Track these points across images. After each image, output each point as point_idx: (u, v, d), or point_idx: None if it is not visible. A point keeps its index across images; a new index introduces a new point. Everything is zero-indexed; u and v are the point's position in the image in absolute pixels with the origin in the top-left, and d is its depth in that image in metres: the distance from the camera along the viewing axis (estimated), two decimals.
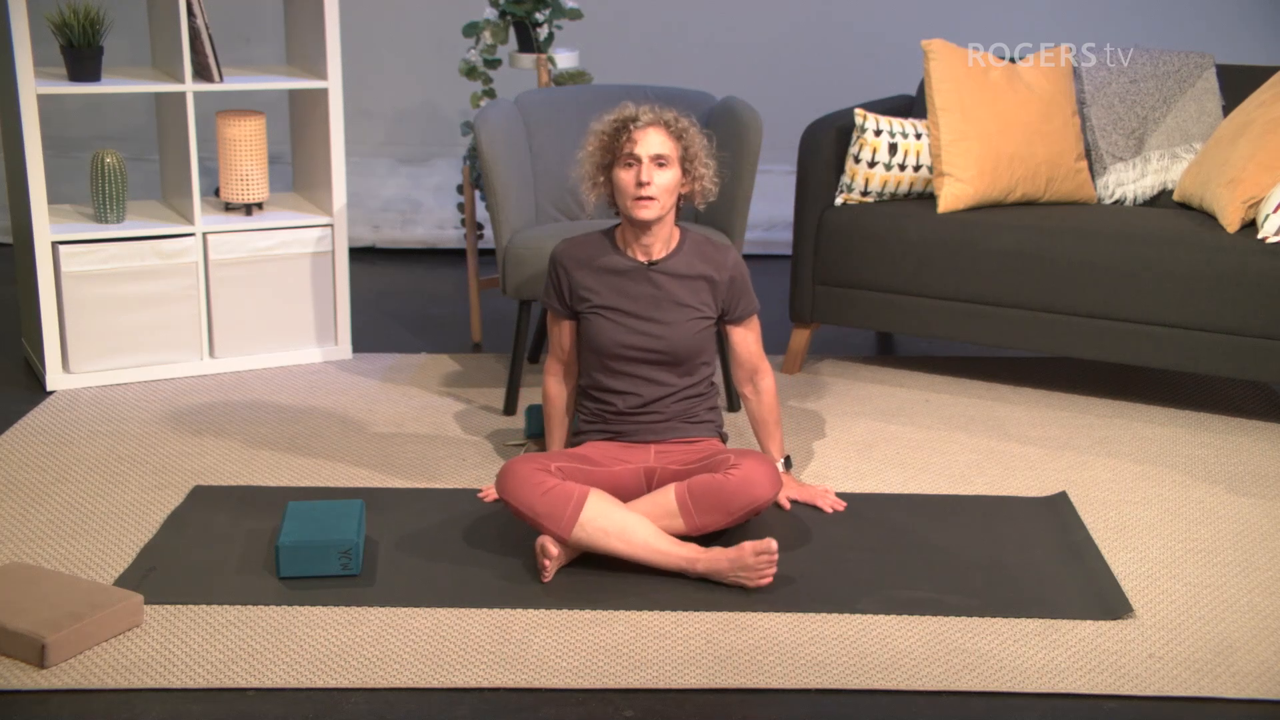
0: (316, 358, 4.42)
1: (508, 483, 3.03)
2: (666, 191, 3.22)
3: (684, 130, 3.25)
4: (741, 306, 3.38)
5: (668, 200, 3.23)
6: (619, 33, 5.69)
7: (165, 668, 2.65)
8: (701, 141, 3.29)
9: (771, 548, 2.93)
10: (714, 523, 3.05)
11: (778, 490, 3.09)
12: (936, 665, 2.72)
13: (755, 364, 3.43)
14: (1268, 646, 2.82)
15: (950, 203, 4.17)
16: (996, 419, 4.03)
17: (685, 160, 3.25)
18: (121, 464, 3.60)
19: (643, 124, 3.22)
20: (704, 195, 3.31)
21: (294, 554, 2.98)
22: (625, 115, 3.25)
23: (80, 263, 4.07)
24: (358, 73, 5.13)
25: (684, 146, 3.25)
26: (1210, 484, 3.62)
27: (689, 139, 3.25)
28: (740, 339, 3.42)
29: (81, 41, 4.05)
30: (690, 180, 3.27)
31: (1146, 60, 4.45)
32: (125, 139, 5.70)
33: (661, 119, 3.24)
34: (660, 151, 3.20)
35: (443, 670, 2.67)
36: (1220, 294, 3.85)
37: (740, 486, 3.03)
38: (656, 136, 3.21)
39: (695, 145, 3.27)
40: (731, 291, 3.35)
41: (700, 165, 3.27)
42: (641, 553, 3.00)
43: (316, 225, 4.35)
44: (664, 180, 3.21)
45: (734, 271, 3.34)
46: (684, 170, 3.26)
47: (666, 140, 3.22)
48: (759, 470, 3.05)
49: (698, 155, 3.27)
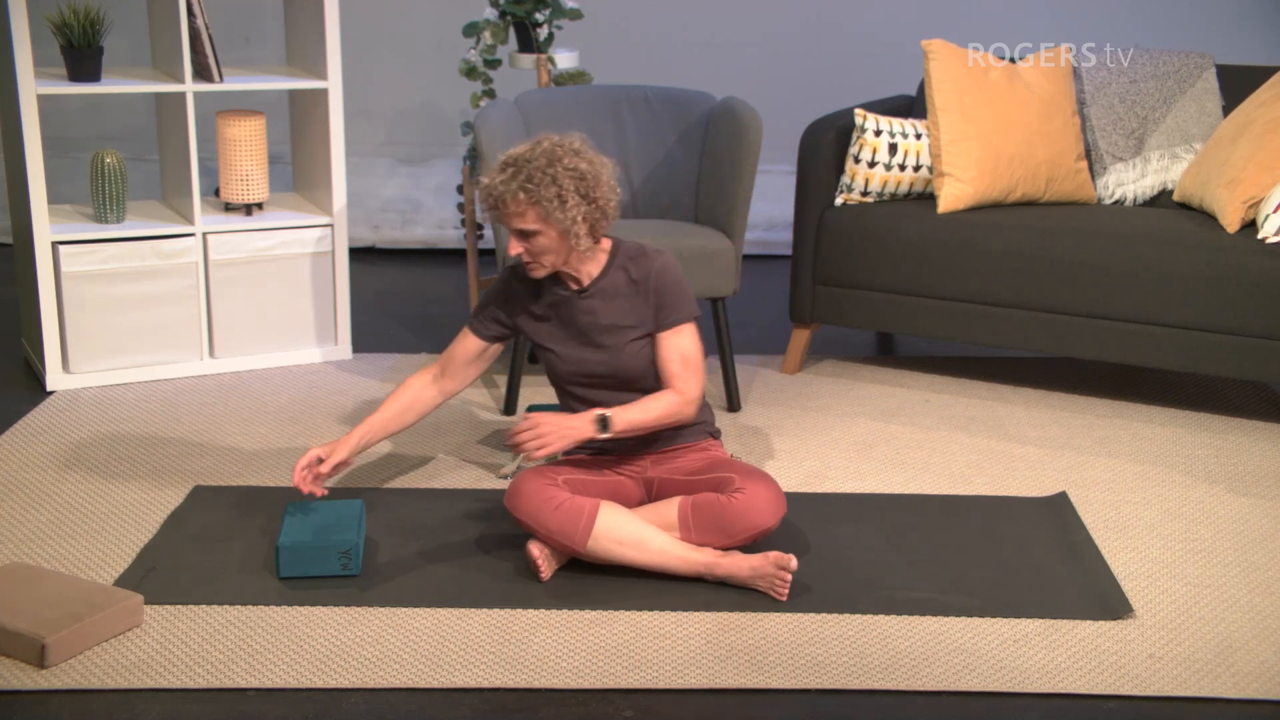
0: (316, 358, 4.42)
1: (518, 500, 3.01)
2: (546, 251, 3.02)
3: (534, 190, 2.95)
4: (664, 314, 3.11)
5: (556, 257, 3.04)
6: (619, 33, 5.69)
7: (165, 668, 2.65)
8: (571, 181, 2.97)
9: (791, 565, 2.92)
10: (713, 542, 3.03)
11: (780, 516, 3.04)
12: (936, 665, 2.72)
13: (670, 379, 3.11)
14: (1268, 646, 2.82)
15: (950, 203, 4.17)
16: (996, 419, 4.03)
17: (551, 215, 2.96)
18: (121, 464, 3.60)
19: (489, 203, 3.02)
20: (607, 221, 3.05)
21: (294, 554, 2.98)
22: (483, 187, 3.03)
23: (80, 263, 4.07)
24: (358, 73, 5.13)
25: (541, 204, 2.96)
26: (1210, 484, 3.62)
27: (542, 195, 2.95)
28: (664, 349, 3.12)
29: (81, 41, 4.05)
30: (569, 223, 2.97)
31: (1146, 60, 4.45)
32: (125, 139, 5.70)
33: (504, 194, 2.97)
34: (519, 227, 2.99)
35: (443, 670, 2.67)
36: (1220, 294, 3.85)
37: (742, 512, 3.00)
38: (511, 209, 2.99)
39: (554, 196, 2.96)
40: (655, 299, 3.10)
41: (576, 207, 2.97)
42: (658, 560, 2.99)
43: (316, 225, 4.35)
44: (537, 246, 3.01)
45: (658, 279, 3.09)
46: (556, 223, 2.98)
47: (521, 209, 2.97)
48: (762, 496, 3.02)
49: (567, 200, 2.96)
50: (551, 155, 2.98)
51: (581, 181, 2.99)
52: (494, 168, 3.03)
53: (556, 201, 2.96)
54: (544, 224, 2.99)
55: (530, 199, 2.97)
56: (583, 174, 2.99)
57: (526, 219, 2.99)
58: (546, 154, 2.99)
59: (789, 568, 2.92)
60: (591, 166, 3.01)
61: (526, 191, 2.96)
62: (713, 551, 3.00)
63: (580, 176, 2.99)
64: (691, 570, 3.00)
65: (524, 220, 2.99)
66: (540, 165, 2.97)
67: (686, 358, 3.11)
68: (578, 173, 2.99)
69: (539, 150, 3.00)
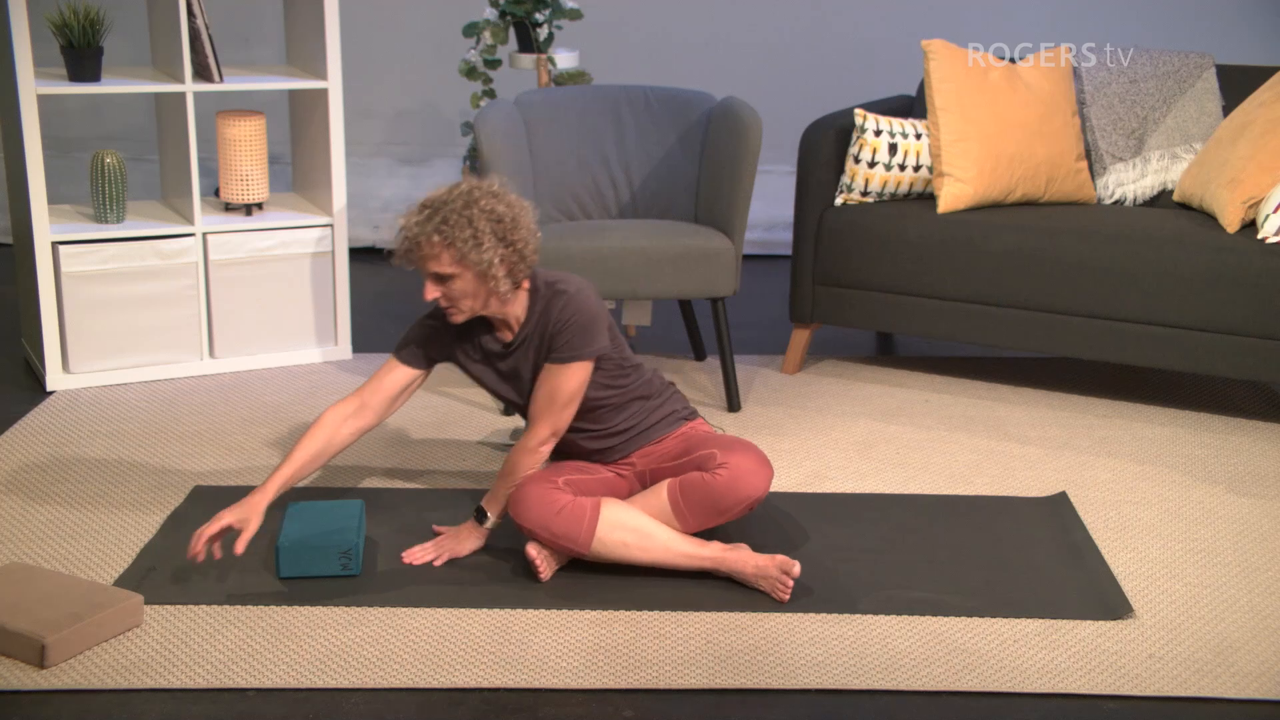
0: (316, 358, 4.42)
1: (521, 507, 3.00)
2: (464, 296, 2.97)
3: (449, 232, 2.90)
4: (555, 349, 3.03)
5: (474, 301, 2.99)
6: (619, 33, 5.69)
7: (165, 668, 2.65)
8: (487, 223, 2.91)
9: (794, 571, 2.92)
10: (709, 522, 3.05)
11: (767, 485, 3.04)
12: (936, 665, 2.72)
13: (531, 412, 3.07)
14: (1268, 646, 2.82)
15: (950, 203, 4.17)
16: (996, 419, 4.03)
17: (467, 258, 2.91)
18: (121, 464, 3.59)
19: (404, 246, 2.97)
20: (526, 265, 2.98)
21: (294, 554, 2.98)
22: (399, 230, 2.98)
23: (80, 263, 4.07)
24: (358, 73, 5.13)
25: (456, 246, 2.91)
26: (1210, 484, 3.62)
27: (457, 237, 2.90)
28: (539, 381, 3.05)
29: (81, 42, 4.05)
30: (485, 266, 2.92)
31: (1146, 60, 4.45)
32: (125, 139, 5.69)
33: (419, 236, 2.92)
34: (435, 270, 2.95)
35: (443, 670, 2.67)
36: (1220, 294, 3.85)
37: (729, 487, 3.01)
38: (426, 251, 2.94)
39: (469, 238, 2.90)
40: (552, 332, 3.03)
41: (493, 250, 2.91)
42: (663, 557, 2.99)
43: (316, 225, 4.35)
44: (454, 290, 2.96)
45: (560, 317, 3.01)
46: (472, 265, 2.92)
47: (436, 251, 2.93)
48: (745, 466, 3.02)
49: (483, 242, 2.90)
50: (468, 198, 2.93)
51: (499, 224, 2.93)
52: (411, 210, 2.98)
53: (472, 243, 2.90)
54: (460, 267, 2.93)
55: (445, 241, 2.91)
56: (500, 216, 2.93)
57: (442, 262, 2.93)
58: (463, 196, 2.94)
59: (792, 573, 2.92)
60: (510, 209, 2.95)
61: (441, 234, 2.91)
62: (719, 546, 3.00)
63: (497, 219, 2.93)
64: (696, 566, 3.00)
65: (439, 264, 2.94)
66: (456, 208, 2.92)
67: (553, 395, 3.03)
68: (494, 215, 2.93)
69: (456, 193, 2.95)
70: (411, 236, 2.95)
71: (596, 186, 4.31)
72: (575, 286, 3.05)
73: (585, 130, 4.33)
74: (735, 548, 3.01)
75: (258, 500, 2.96)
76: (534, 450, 3.07)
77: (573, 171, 4.30)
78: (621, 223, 4.13)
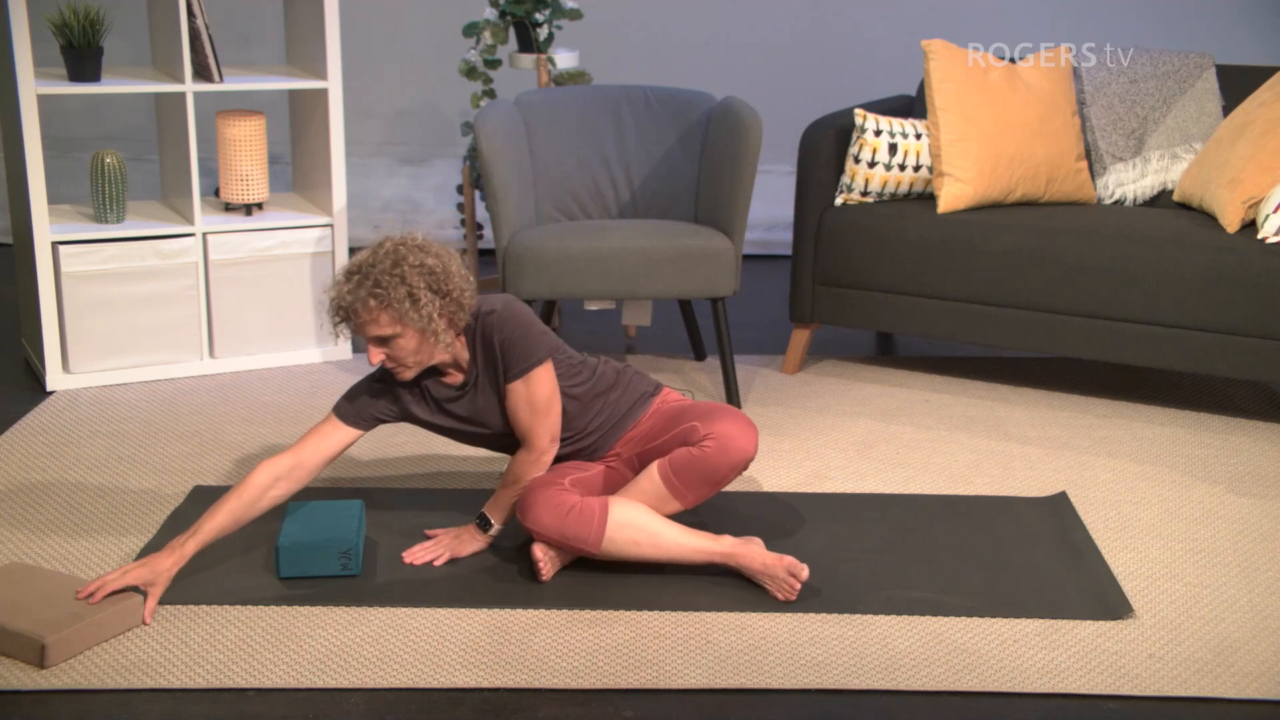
0: (316, 358, 4.42)
1: (530, 511, 2.99)
2: (409, 354, 2.94)
3: (384, 294, 2.87)
4: (509, 369, 3.02)
5: (420, 356, 2.96)
6: (619, 33, 5.69)
7: (165, 668, 2.65)
8: (421, 279, 2.88)
9: (802, 575, 2.93)
10: (707, 492, 3.07)
11: (754, 445, 3.03)
12: (936, 665, 2.72)
13: (522, 432, 3.06)
14: (1268, 646, 2.82)
15: (950, 203, 4.17)
16: (996, 419, 4.03)
17: (406, 316, 2.88)
18: (121, 464, 3.60)
19: (340, 315, 2.93)
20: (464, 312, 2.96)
21: (294, 554, 2.98)
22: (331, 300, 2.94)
23: (80, 263, 4.07)
24: (358, 73, 5.13)
25: (393, 307, 2.87)
26: (1210, 484, 3.62)
27: (392, 297, 2.87)
28: (512, 401, 3.04)
29: (81, 42, 4.05)
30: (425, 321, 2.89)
31: (1146, 60, 4.45)
32: (125, 139, 5.69)
33: (354, 303, 2.89)
34: (375, 334, 2.91)
35: (443, 670, 2.67)
36: (1220, 294, 3.85)
37: (718, 455, 3.01)
38: (364, 317, 2.90)
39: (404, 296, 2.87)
40: (500, 357, 3.02)
41: (430, 304, 2.88)
42: (674, 552, 3.00)
43: (316, 225, 4.35)
44: (398, 350, 2.93)
45: (500, 339, 3.00)
46: (412, 323, 2.89)
47: (374, 315, 2.89)
48: (730, 432, 3.02)
49: (419, 298, 2.87)
50: (395, 256, 2.90)
51: (431, 276, 2.90)
52: (339, 279, 2.95)
53: (409, 301, 2.88)
54: (400, 326, 2.90)
55: (381, 304, 2.88)
56: (431, 269, 2.90)
57: (381, 324, 2.90)
58: (390, 255, 2.90)
59: (800, 576, 2.92)
60: (439, 260, 2.92)
61: (376, 296, 2.88)
62: (731, 540, 3.01)
63: (429, 272, 2.90)
64: (706, 561, 3.00)
65: (379, 326, 2.90)
66: (385, 268, 2.88)
67: (535, 404, 3.03)
68: (425, 268, 2.90)
69: (381, 253, 2.91)
70: (346, 305, 2.90)
71: (596, 186, 4.31)
72: (500, 303, 3.03)
73: (585, 130, 4.33)
74: (747, 542, 3.02)
75: (166, 564, 2.84)
76: (538, 460, 3.08)
77: (573, 171, 4.30)
78: (621, 223, 4.13)
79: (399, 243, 2.93)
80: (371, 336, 2.93)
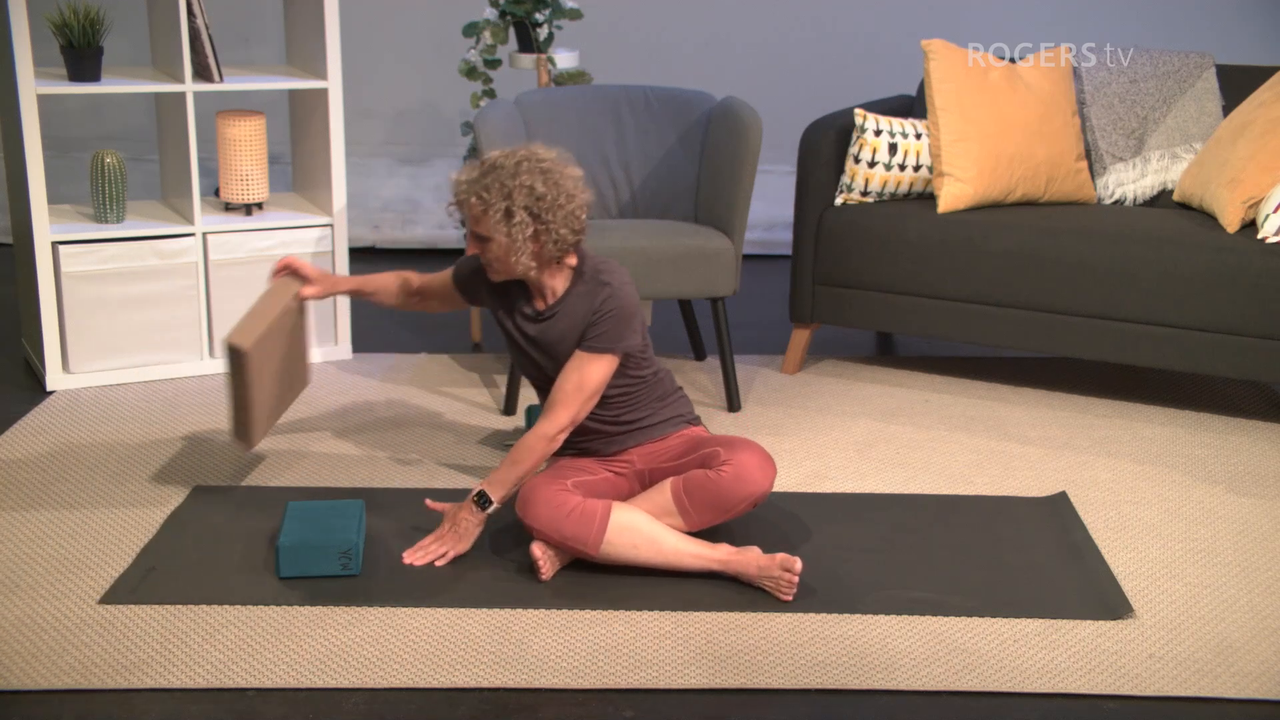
0: (316, 358, 4.42)
1: (530, 508, 3.01)
2: (499, 259, 3.03)
3: (487, 200, 2.97)
4: (591, 336, 3.06)
5: (510, 265, 3.02)
6: (619, 33, 5.69)
7: (165, 668, 2.65)
8: (523, 198, 2.95)
9: (795, 568, 2.93)
10: (713, 519, 3.06)
11: (771, 482, 3.06)
12: (936, 665, 2.72)
13: (555, 397, 3.08)
14: (1268, 646, 2.82)
15: (950, 203, 4.17)
16: (996, 419, 4.03)
17: (497, 227, 2.98)
18: (121, 464, 3.60)
19: (455, 198, 3.05)
20: (557, 246, 3.01)
21: (294, 554, 2.98)
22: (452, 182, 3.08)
23: (80, 263, 4.07)
24: (358, 73, 5.13)
25: (490, 214, 2.97)
26: (1210, 484, 3.62)
27: (492, 205, 2.96)
28: (569, 364, 3.08)
29: (81, 41, 4.05)
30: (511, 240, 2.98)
31: (1146, 60, 4.45)
32: (125, 139, 5.69)
33: (464, 196, 3.01)
34: (475, 230, 3.03)
35: (443, 670, 2.67)
36: (1220, 294, 3.85)
37: (732, 484, 3.02)
38: (467, 211, 3.03)
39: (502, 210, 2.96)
40: (592, 321, 3.07)
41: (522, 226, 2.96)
42: (672, 559, 3.00)
43: (316, 225, 4.35)
44: (489, 252, 3.03)
45: (601, 308, 3.05)
46: (502, 237, 2.98)
47: (475, 214, 3.00)
48: (749, 464, 3.03)
49: (515, 215, 2.96)
50: (515, 170, 2.97)
51: (538, 201, 2.96)
52: (469, 166, 3.07)
53: (504, 215, 2.97)
54: (493, 234, 3.00)
55: (481, 207, 2.99)
56: (538, 195, 2.96)
57: (478, 224, 3.01)
58: (512, 166, 2.98)
59: (793, 570, 2.92)
60: (549, 190, 2.97)
61: (480, 199, 2.99)
62: (727, 549, 3.01)
63: (537, 196, 2.96)
64: (704, 568, 3.00)
65: (477, 225, 3.02)
66: (502, 176, 2.97)
67: (581, 384, 3.06)
68: (534, 192, 2.96)
69: (511, 160, 3.00)
70: (459, 193, 3.04)
71: (596, 186, 4.31)
72: (619, 281, 3.09)
73: (585, 130, 4.33)
74: (744, 550, 3.01)
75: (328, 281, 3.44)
76: (551, 438, 3.07)
77: None
78: (621, 223, 4.13)
79: (526, 156, 3.01)
80: (473, 231, 3.04)
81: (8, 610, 2.84)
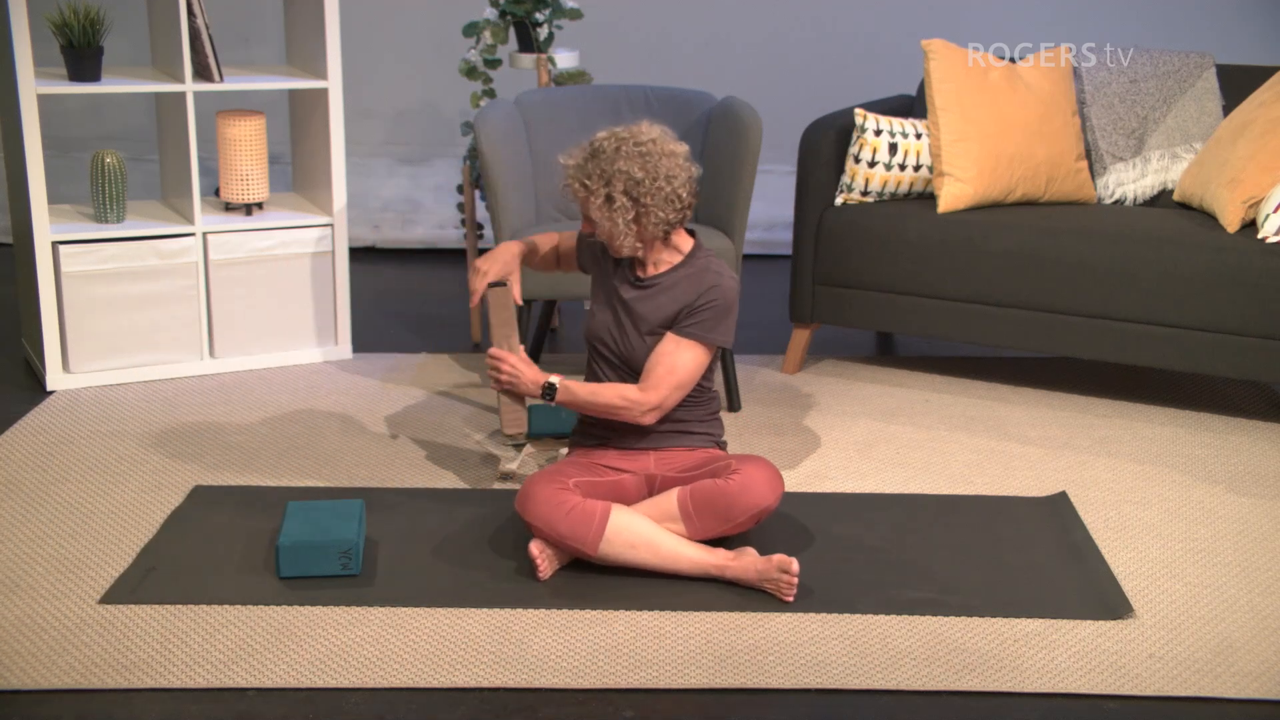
0: (316, 358, 4.42)
1: (529, 504, 3.01)
2: (610, 237, 3.11)
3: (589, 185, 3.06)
4: (689, 322, 3.11)
5: (618, 245, 3.11)
6: (619, 33, 5.69)
7: (165, 668, 2.65)
8: (622, 183, 3.03)
9: (793, 568, 2.92)
10: (716, 529, 3.05)
11: (777, 498, 3.06)
12: (936, 665, 2.72)
13: (654, 382, 3.10)
14: (1268, 646, 2.82)
15: (950, 203, 4.17)
16: (996, 419, 4.03)
17: (603, 209, 3.06)
18: (121, 464, 3.60)
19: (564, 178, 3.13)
20: (658, 228, 3.08)
21: (294, 554, 2.98)
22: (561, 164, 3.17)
23: (80, 263, 4.07)
24: (358, 73, 5.13)
25: (592, 197, 3.06)
26: (1210, 484, 3.62)
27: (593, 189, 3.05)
28: (661, 346, 3.12)
29: (81, 41, 4.05)
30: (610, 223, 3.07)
31: (1146, 60, 4.45)
32: (125, 139, 5.70)
33: (569, 180, 3.10)
34: (583, 211, 3.14)
35: (443, 670, 2.67)
36: (1220, 294, 3.85)
37: (740, 493, 3.01)
38: (573, 194, 3.12)
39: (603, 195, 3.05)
40: (690, 308, 3.11)
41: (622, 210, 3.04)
42: (670, 562, 3.00)
43: (316, 225, 4.35)
44: (600, 233, 3.13)
45: (706, 296, 3.10)
46: (610, 217, 3.06)
47: (579, 197, 3.10)
48: (759, 477, 3.03)
49: (615, 200, 3.04)
50: (617, 153, 3.05)
51: (635, 185, 3.04)
52: (577, 149, 3.14)
53: (605, 200, 3.06)
54: (598, 217, 3.10)
55: (584, 192, 3.09)
56: (637, 179, 3.03)
57: (582, 205, 3.12)
58: (612, 151, 3.06)
59: (791, 570, 2.92)
60: (647, 173, 3.03)
61: (582, 185, 3.09)
62: (724, 554, 3.00)
63: (635, 181, 3.04)
64: (702, 572, 3.00)
65: (582, 206, 3.12)
66: (603, 160, 3.06)
67: (674, 368, 3.10)
68: (631, 177, 3.03)
69: (612, 143, 3.07)
70: (565, 176, 3.12)
71: None
72: (729, 279, 3.15)
73: (585, 130, 4.30)
74: (740, 554, 3.00)
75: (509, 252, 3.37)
76: (644, 405, 3.11)
77: None
78: None
79: (627, 138, 3.07)
80: (583, 212, 3.14)
81: (8, 610, 2.85)
